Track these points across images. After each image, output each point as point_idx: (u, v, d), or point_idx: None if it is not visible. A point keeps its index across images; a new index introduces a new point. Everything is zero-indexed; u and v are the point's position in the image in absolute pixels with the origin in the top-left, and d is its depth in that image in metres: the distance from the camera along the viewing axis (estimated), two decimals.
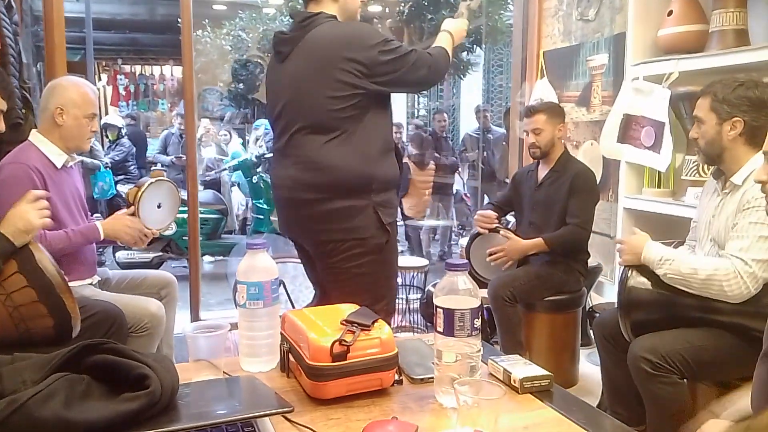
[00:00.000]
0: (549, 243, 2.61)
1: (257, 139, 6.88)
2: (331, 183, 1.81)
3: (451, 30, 2.00)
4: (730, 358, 1.73)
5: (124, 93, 11.86)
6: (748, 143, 1.79)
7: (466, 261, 1.20)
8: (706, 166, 2.28)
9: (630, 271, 1.89)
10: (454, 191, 6.59)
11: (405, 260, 3.77)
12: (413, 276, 3.60)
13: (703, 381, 1.89)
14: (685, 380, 1.79)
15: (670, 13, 2.56)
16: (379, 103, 1.86)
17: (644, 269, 1.87)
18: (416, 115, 11.02)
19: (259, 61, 8.44)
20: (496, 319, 2.63)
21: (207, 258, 5.82)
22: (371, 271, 1.87)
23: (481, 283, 2.73)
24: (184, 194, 3.12)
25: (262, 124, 6.92)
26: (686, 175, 2.50)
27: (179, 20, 3.29)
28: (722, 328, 1.75)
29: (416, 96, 10.82)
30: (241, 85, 9.14)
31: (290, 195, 1.89)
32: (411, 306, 3.57)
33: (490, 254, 2.71)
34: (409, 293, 3.62)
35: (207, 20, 9.01)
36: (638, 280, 1.87)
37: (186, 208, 3.30)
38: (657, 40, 2.62)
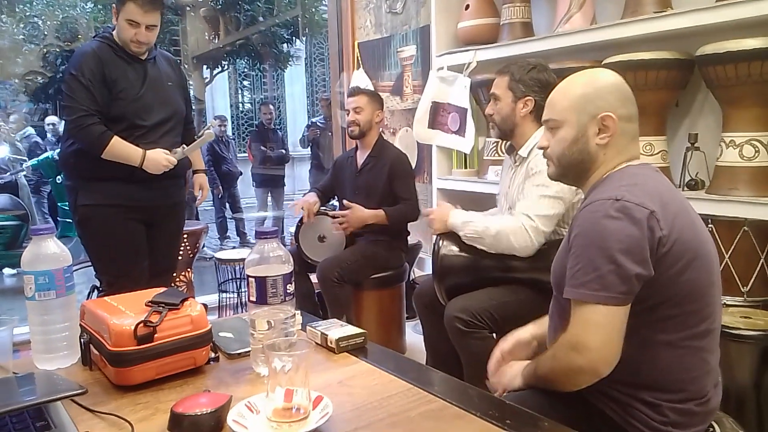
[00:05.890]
0: (389, 215, 2.71)
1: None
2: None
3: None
4: (528, 310, 1.93)
5: None
6: (535, 120, 2.01)
7: (276, 228, 1.20)
8: (502, 146, 2.52)
9: (441, 241, 2.03)
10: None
11: (230, 253, 3.68)
12: (242, 268, 3.52)
13: (509, 333, 2.10)
14: (494, 335, 1.98)
15: (467, 8, 2.78)
16: None
17: (453, 238, 2.03)
18: (241, 107, 10.76)
19: (57, 51, 7.57)
20: (326, 300, 2.67)
21: (7, 270, 5.23)
22: (86, 245, 2.29)
23: (311, 267, 2.76)
24: None
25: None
26: (487, 155, 2.75)
27: None
28: (520, 284, 1.96)
29: (240, 89, 10.60)
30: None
31: None
32: (242, 299, 3.49)
33: (334, 218, 2.74)
34: (240, 286, 3.54)
35: (5, 1, 7.90)
36: (449, 249, 2.02)
37: None
38: (457, 32, 2.84)
